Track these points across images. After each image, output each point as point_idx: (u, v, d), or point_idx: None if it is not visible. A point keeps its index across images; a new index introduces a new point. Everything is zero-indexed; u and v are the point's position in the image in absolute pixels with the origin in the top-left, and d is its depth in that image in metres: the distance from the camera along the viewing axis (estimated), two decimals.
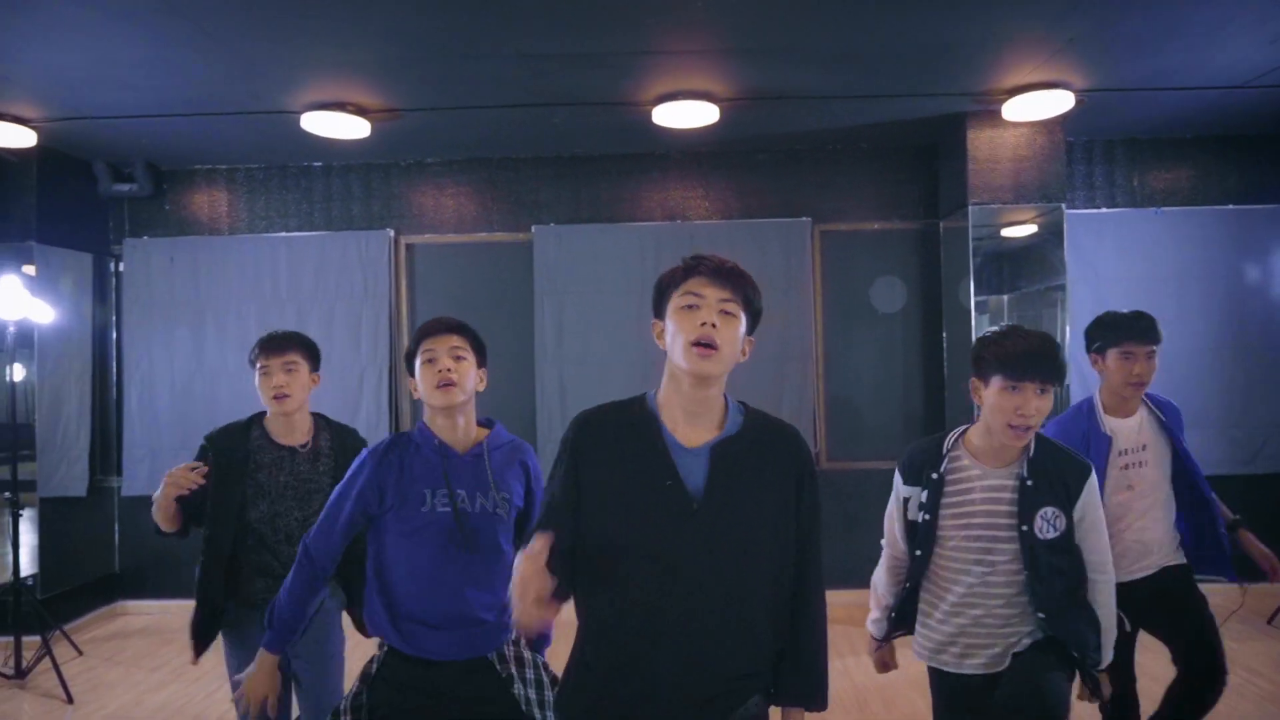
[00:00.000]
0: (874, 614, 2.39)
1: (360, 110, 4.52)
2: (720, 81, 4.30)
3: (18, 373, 5.02)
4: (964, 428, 2.20)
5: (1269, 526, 5.00)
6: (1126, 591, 2.45)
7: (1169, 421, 2.78)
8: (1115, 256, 5.40)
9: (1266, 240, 5.32)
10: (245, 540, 2.54)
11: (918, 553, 2.14)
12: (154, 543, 5.53)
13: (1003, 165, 4.92)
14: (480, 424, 2.21)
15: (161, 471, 2.57)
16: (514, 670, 2.05)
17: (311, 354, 2.76)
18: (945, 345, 5.39)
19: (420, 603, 2.01)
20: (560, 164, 5.59)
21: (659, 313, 1.70)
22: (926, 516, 2.11)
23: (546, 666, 2.13)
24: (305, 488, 2.60)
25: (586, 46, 3.83)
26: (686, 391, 1.63)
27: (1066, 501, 2.04)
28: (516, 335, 5.50)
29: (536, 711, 2.01)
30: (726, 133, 5.08)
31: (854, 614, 5.27)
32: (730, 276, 1.66)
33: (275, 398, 2.59)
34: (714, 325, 1.59)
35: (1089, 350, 2.81)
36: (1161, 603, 2.70)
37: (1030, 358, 1.98)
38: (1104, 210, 5.44)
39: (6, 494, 4.48)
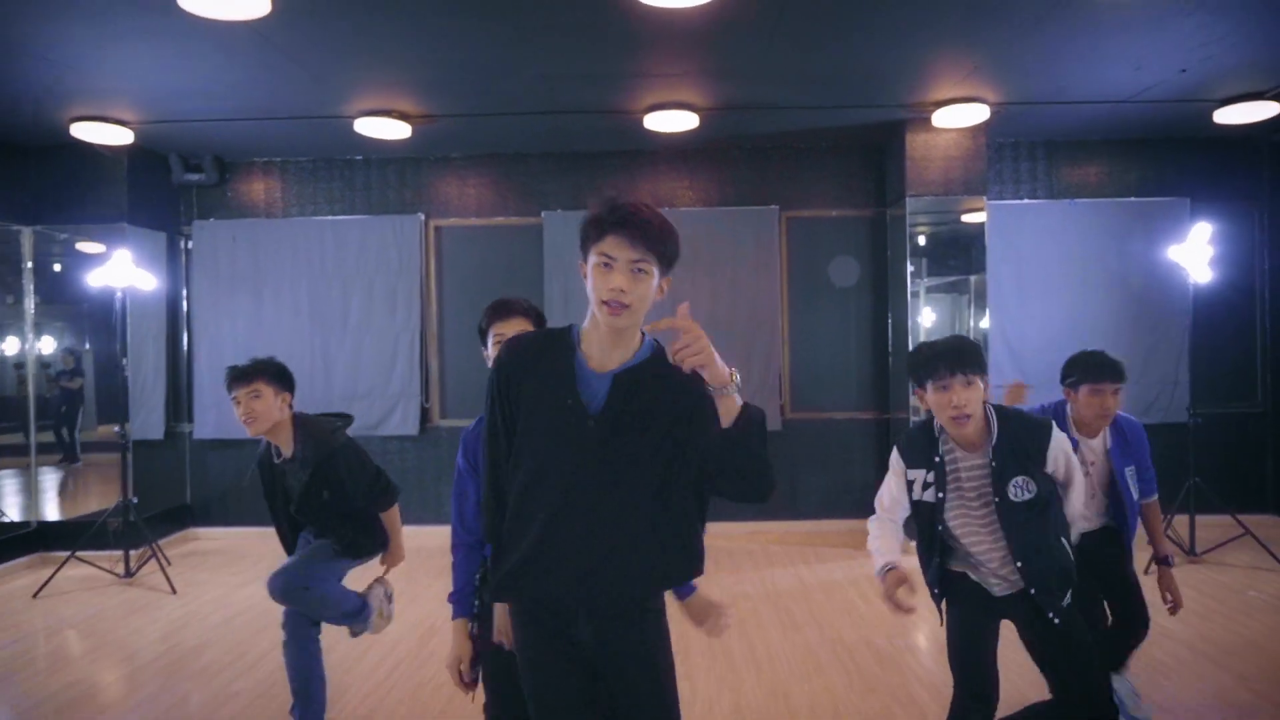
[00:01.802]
0: (879, 552, 2.48)
1: (403, 116, 5.48)
2: (699, 95, 5.27)
3: (111, 336, 6.01)
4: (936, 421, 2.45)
5: (1164, 468, 6.06)
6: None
7: (1129, 443, 3.07)
8: (1035, 241, 6.38)
9: (1163, 227, 6.28)
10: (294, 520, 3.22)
11: (939, 527, 2.39)
12: (218, 480, 6.59)
13: (935, 164, 5.90)
14: None
15: (227, 420, 3.32)
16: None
17: (278, 378, 3.02)
18: (890, 315, 6.38)
19: None
20: (566, 159, 6.54)
21: (584, 255, 1.80)
22: (940, 495, 2.38)
23: None
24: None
25: (591, 68, 4.78)
26: (603, 329, 1.77)
27: (1033, 465, 2.32)
28: None
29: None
30: (706, 134, 6.04)
31: (811, 538, 6.31)
32: (643, 236, 1.72)
33: (245, 423, 2.98)
34: (623, 290, 1.71)
35: (1063, 383, 3.08)
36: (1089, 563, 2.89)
37: (947, 357, 2.28)
38: (1026, 201, 6.43)
39: (117, 430, 5.47)
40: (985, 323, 6.14)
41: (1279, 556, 5.32)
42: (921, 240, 6.09)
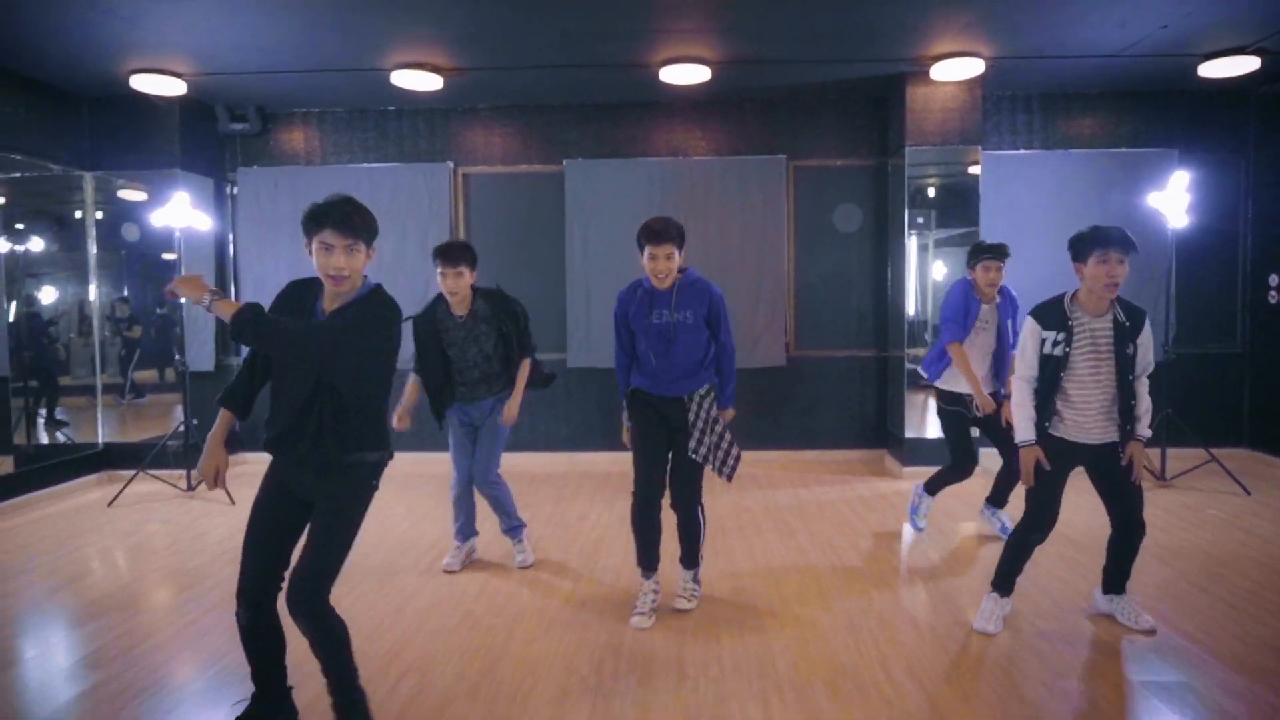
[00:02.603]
0: (1024, 425, 3.24)
1: (435, 69, 5.89)
2: (711, 50, 5.64)
3: (169, 255, 6.53)
4: (1071, 293, 3.23)
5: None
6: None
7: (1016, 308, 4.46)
8: (1029, 190, 6.74)
9: (1152, 177, 6.60)
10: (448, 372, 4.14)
11: (1058, 373, 3.14)
12: (262, 409, 7.11)
13: (933, 115, 6.26)
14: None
15: None
16: (694, 404, 3.57)
17: (473, 261, 4.06)
18: (890, 259, 6.78)
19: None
20: (586, 110, 6.94)
21: (307, 238, 2.46)
22: (1066, 349, 3.13)
23: (709, 402, 3.59)
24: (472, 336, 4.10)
25: (611, 26, 5.16)
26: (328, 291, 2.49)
27: (1136, 333, 3.15)
28: (550, 248, 6.94)
29: (694, 428, 3.54)
30: (718, 87, 6.42)
31: (812, 465, 6.79)
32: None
33: (451, 293, 4.03)
34: (341, 267, 2.40)
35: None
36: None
37: (1116, 238, 3.03)
38: (1022, 151, 6.78)
39: (177, 358, 6.01)
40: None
41: (1241, 481, 5.75)
42: (931, 193, 6.46)
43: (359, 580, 4.17)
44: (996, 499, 4.77)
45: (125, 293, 7.05)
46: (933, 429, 6.11)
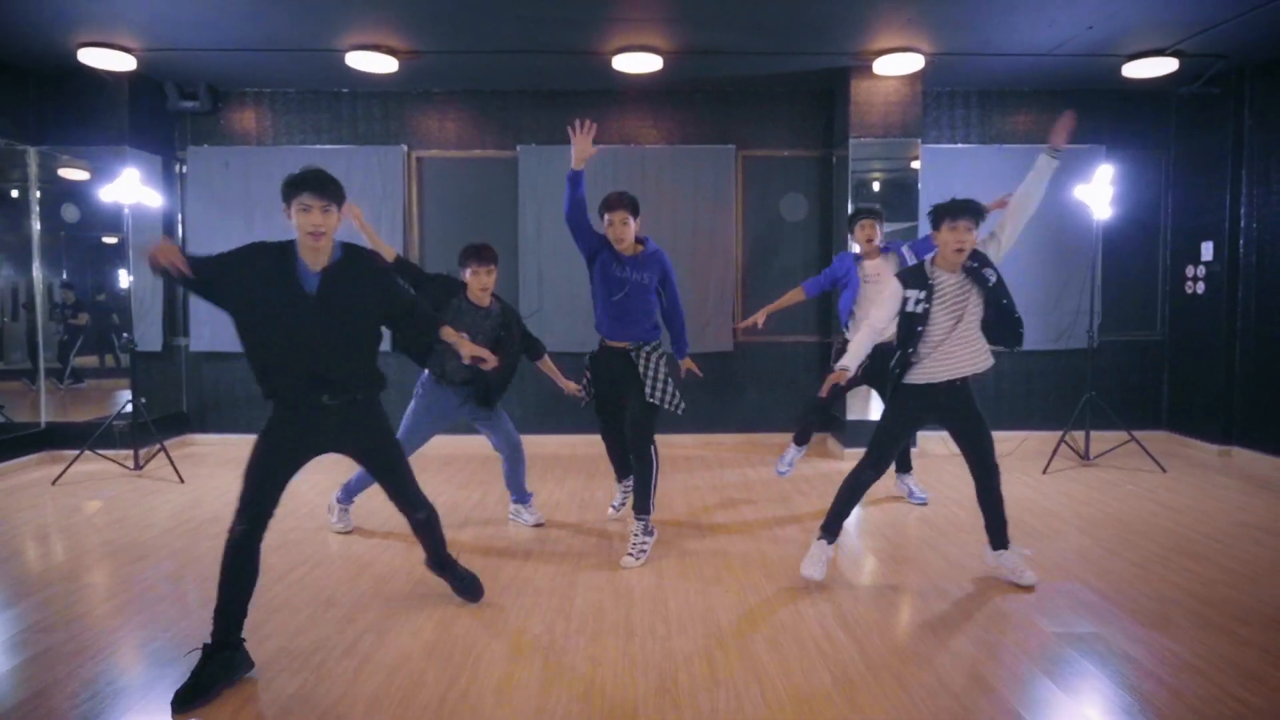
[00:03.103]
0: (852, 355, 3.64)
1: (391, 51, 5.93)
2: (663, 39, 5.78)
3: (110, 239, 6.46)
4: (930, 257, 3.60)
5: (1065, 387, 6.83)
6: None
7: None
8: (966, 183, 6.96)
9: (1081, 171, 6.89)
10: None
11: (918, 328, 3.50)
12: (212, 390, 7.09)
13: (876, 108, 6.49)
14: (638, 242, 4.22)
15: (221, 334, 4.23)
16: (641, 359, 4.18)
17: (497, 261, 4.43)
18: (834, 247, 7.01)
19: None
20: (540, 97, 7.03)
21: (286, 203, 2.97)
22: (926, 306, 3.49)
23: (657, 357, 4.20)
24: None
25: (564, 11, 5.27)
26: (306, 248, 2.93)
27: (985, 264, 3.50)
28: (504, 232, 7.02)
29: (646, 377, 4.14)
30: (670, 77, 6.57)
31: (758, 447, 7.00)
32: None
33: (481, 292, 4.32)
34: (319, 224, 2.93)
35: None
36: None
37: (964, 207, 3.43)
38: (960, 146, 7.05)
39: (126, 335, 5.96)
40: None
41: (1158, 460, 6.11)
42: (876, 186, 6.68)
43: (315, 549, 4.24)
44: (902, 466, 5.25)
45: (64, 276, 6.94)
46: (874, 413, 6.36)
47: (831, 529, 3.77)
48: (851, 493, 3.75)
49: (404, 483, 3.22)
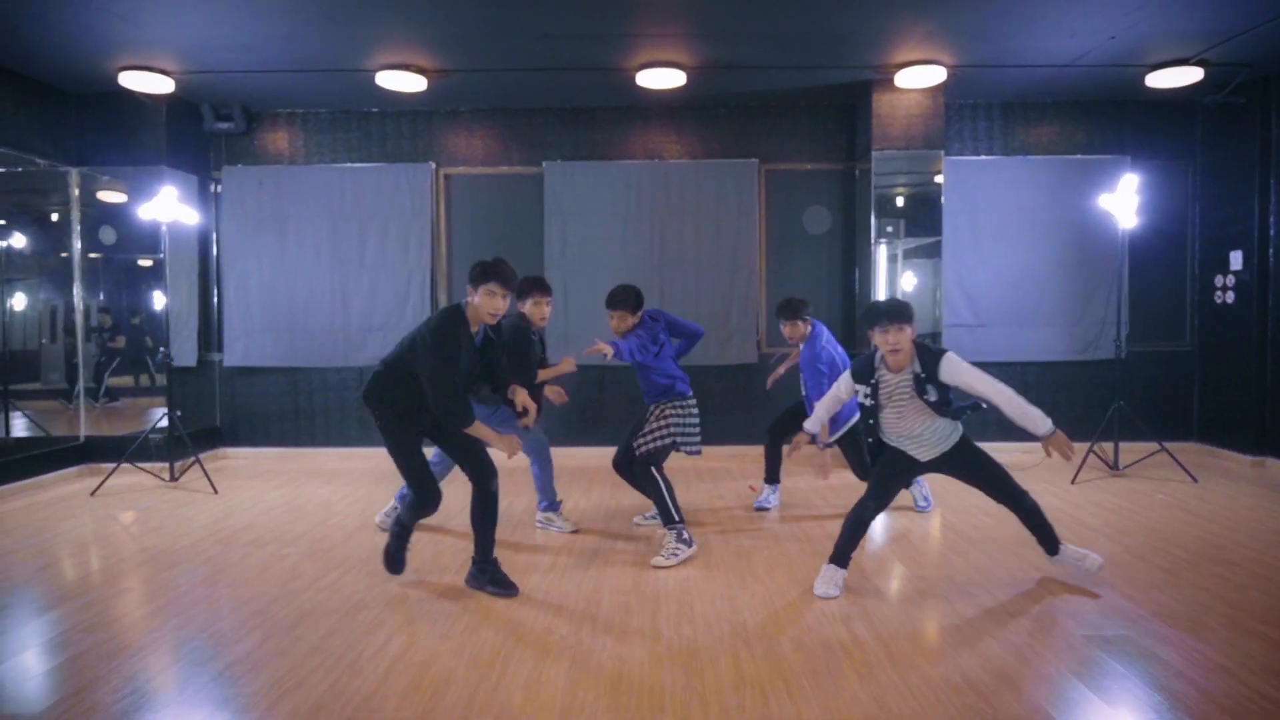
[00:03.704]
0: (815, 420, 3.93)
1: (420, 70, 6.07)
2: (687, 55, 5.88)
3: (145, 262, 6.63)
4: (878, 353, 3.67)
5: (1094, 398, 6.79)
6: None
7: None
8: (989, 194, 7.04)
9: (1105, 182, 6.90)
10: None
11: (870, 421, 3.73)
12: (244, 404, 7.22)
13: (898, 121, 6.53)
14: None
15: (254, 349, 4.65)
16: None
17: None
18: (857, 260, 7.04)
19: None
20: (566, 113, 7.15)
21: (474, 287, 3.68)
22: (871, 401, 3.70)
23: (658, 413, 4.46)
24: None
25: (589, 29, 5.38)
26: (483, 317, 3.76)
27: (931, 378, 3.56)
28: (530, 247, 7.12)
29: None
30: (693, 92, 6.66)
31: (785, 461, 7.00)
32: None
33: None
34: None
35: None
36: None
37: (888, 311, 3.54)
38: (983, 158, 7.07)
39: (163, 350, 6.11)
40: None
41: (1189, 470, 6.04)
42: (899, 202, 6.71)
43: (346, 556, 4.31)
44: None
45: (101, 297, 7.11)
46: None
47: (841, 559, 3.78)
48: (855, 527, 3.75)
49: (485, 464, 3.79)
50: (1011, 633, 3.25)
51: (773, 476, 5.33)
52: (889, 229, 6.70)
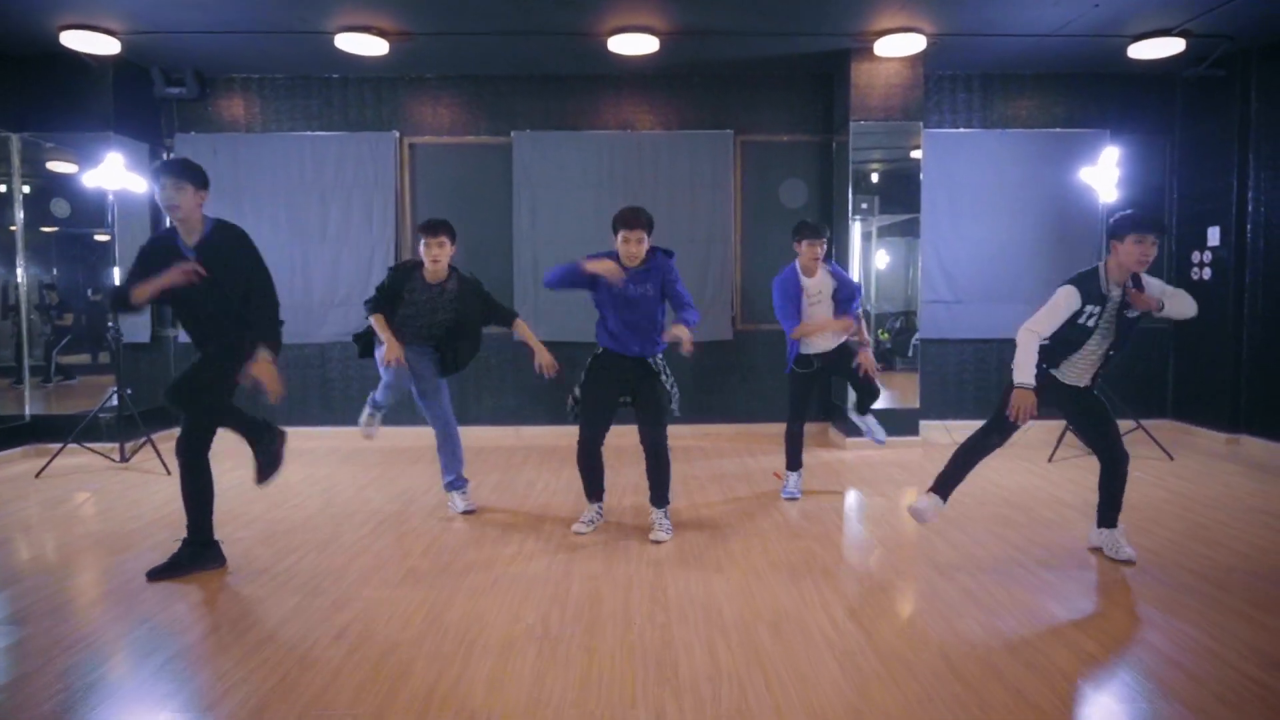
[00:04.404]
0: (1026, 370, 3.51)
1: (381, 33, 5.80)
2: (660, 19, 5.66)
3: (101, 237, 6.33)
4: (1099, 268, 3.50)
5: None
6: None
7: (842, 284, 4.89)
8: (968, 167, 6.91)
9: (1084, 156, 6.81)
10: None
11: (1084, 339, 3.51)
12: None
13: (877, 91, 6.37)
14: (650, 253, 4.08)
15: None
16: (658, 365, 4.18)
17: (453, 235, 4.47)
18: (833, 233, 6.89)
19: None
20: (535, 81, 6.90)
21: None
22: (1098, 320, 3.49)
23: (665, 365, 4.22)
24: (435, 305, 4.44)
25: None
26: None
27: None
28: (498, 219, 6.89)
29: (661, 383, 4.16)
30: (666, 60, 6.44)
31: (758, 437, 6.88)
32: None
33: (433, 263, 4.34)
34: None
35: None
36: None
37: (1154, 221, 3.37)
38: (961, 130, 6.93)
39: (112, 326, 5.83)
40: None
41: (1165, 448, 6.00)
42: (874, 178, 6.56)
43: (299, 543, 4.11)
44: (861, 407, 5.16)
45: (55, 272, 6.80)
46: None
47: (944, 488, 3.83)
48: (970, 457, 3.80)
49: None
50: (995, 616, 3.14)
51: (796, 462, 5.00)
52: (864, 205, 6.55)
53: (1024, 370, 3.52)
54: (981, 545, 4.00)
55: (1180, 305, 3.56)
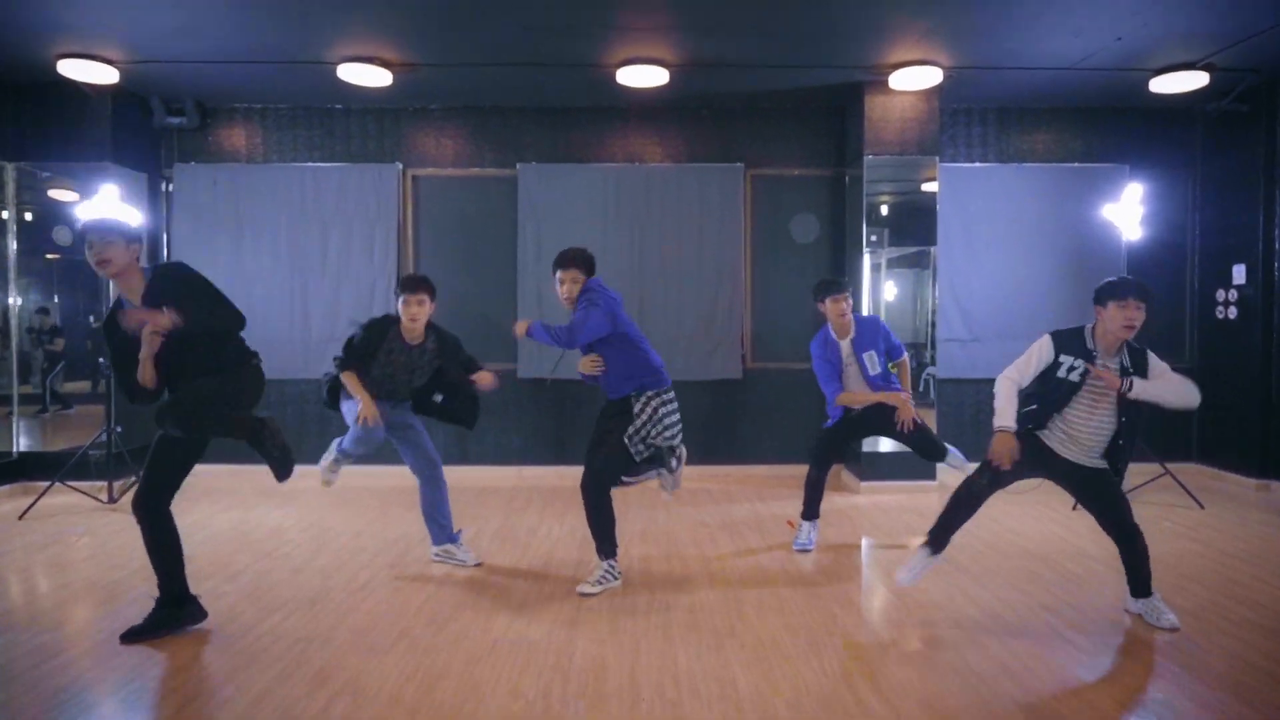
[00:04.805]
0: (1005, 413, 3.39)
1: (386, 64, 5.67)
2: (670, 51, 5.52)
3: (85, 289, 6.17)
4: (1089, 327, 3.41)
5: None
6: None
7: (864, 334, 4.66)
8: (984, 202, 6.74)
9: (1103, 192, 6.66)
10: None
11: (1067, 395, 3.35)
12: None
13: (891, 124, 6.21)
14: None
15: None
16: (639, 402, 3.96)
17: (434, 292, 4.14)
18: (847, 269, 6.71)
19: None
20: (541, 113, 6.77)
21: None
22: (1082, 378, 3.34)
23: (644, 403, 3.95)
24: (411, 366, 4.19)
25: (567, 19, 5.01)
26: None
27: (1145, 372, 3.38)
28: (502, 254, 6.73)
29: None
30: (676, 92, 6.30)
31: (769, 481, 6.66)
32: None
33: (412, 320, 4.06)
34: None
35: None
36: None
37: (1135, 285, 3.28)
38: (977, 165, 6.77)
39: (101, 361, 5.65)
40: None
41: (1195, 496, 5.75)
42: (884, 210, 6.39)
43: (285, 599, 3.89)
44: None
45: (56, 299, 6.66)
46: (887, 443, 6.01)
47: (937, 542, 3.65)
48: (965, 502, 3.62)
49: None
50: (1029, 692, 2.90)
51: (813, 511, 4.74)
52: (873, 238, 6.37)
53: (1003, 414, 3.43)
54: (1008, 605, 3.77)
55: (1178, 391, 3.38)
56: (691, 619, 3.63)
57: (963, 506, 3.61)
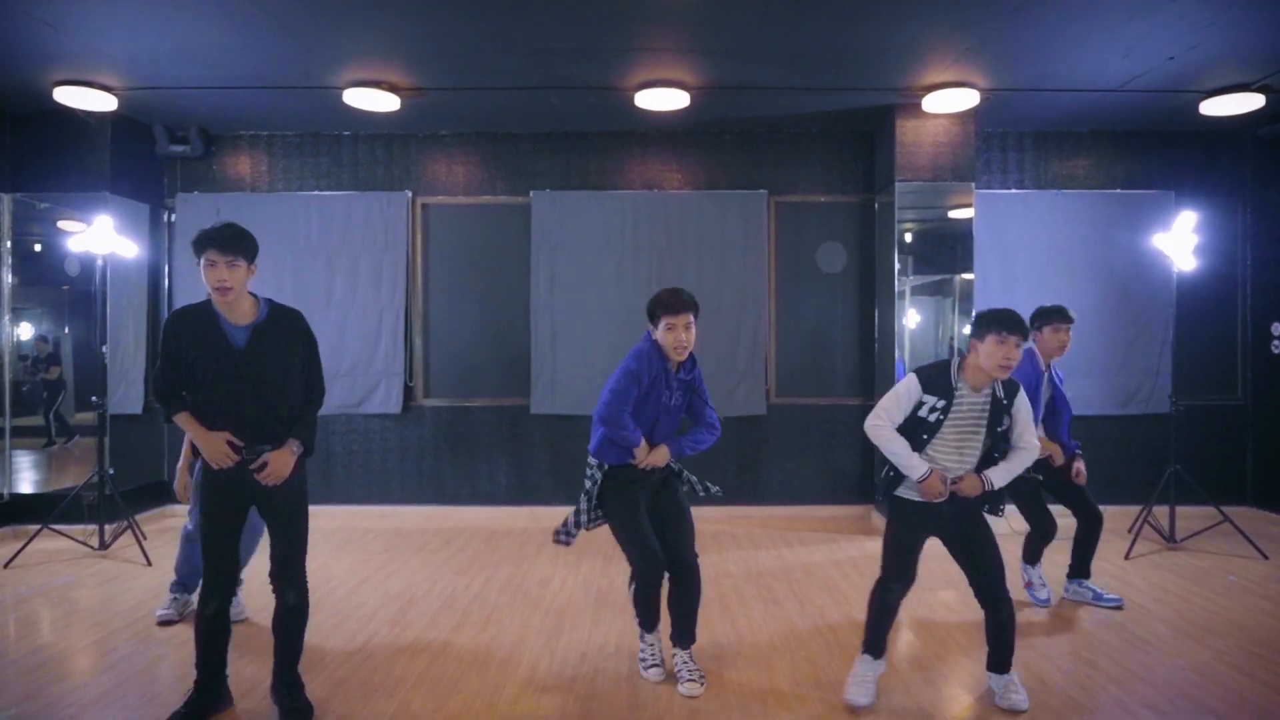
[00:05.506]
0: (907, 458, 3.08)
1: (393, 88, 5.43)
2: (690, 73, 5.25)
3: (89, 319, 5.94)
4: (957, 362, 3.12)
5: (1137, 457, 6.13)
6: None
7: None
8: (1021, 230, 6.41)
9: (1147, 220, 6.31)
10: None
11: (924, 436, 3.08)
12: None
13: (924, 149, 5.91)
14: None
15: None
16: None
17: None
18: (877, 301, 6.38)
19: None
20: (555, 139, 6.51)
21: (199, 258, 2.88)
22: (942, 417, 3.07)
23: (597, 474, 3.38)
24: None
25: (582, 42, 4.76)
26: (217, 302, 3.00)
27: (1009, 407, 3.13)
28: (515, 284, 6.46)
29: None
30: (697, 115, 6.03)
31: (794, 523, 6.30)
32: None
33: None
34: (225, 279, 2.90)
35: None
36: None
37: (1014, 321, 2.98)
38: (1014, 191, 6.45)
39: (94, 400, 5.39)
40: (969, 329, 6.10)
41: (1257, 544, 5.35)
42: (908, 238, 6.07)
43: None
44: (1079, 568, 4.42)
45: (66, 330, 6.43)
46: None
47: (876, 646, 3.24)
48: (882, 611, 3.25)
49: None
50: None
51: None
52: (904, 273, 6.04)
53: (906, 461, 3.09)
54: (1077, 683, 3.39)
55: (1024, 463, 3.17)
56: (720, 699, 3.27)
57: (889, 612, 3.24)
